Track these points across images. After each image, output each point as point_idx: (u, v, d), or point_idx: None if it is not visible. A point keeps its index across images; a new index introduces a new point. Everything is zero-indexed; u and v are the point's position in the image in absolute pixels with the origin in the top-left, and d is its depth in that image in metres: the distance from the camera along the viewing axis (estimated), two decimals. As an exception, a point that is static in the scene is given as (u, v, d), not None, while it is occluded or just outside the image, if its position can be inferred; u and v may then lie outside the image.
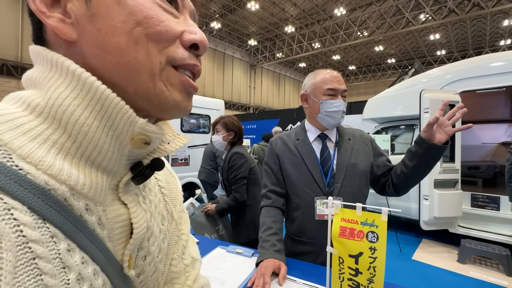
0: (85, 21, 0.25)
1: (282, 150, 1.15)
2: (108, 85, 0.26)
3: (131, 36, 0.25)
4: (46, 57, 0.26)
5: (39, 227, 0.21)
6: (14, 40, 9.44)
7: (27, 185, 0.21)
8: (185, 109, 0.30)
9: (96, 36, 0.25)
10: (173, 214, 0.44)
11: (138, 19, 0.26)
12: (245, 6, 13.30)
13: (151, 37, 0.26)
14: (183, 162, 4.82)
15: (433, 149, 0.94)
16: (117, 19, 0.25)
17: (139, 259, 0.34)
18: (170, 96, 0.28)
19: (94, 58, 0.26)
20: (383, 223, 0.57)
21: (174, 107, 0.29)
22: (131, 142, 0.27)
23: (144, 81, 0.27)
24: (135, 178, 0.30)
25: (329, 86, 1.06)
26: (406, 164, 1.03)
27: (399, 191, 1.09)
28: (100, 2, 0.25)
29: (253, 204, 1.80)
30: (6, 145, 0.22)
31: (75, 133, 0.25)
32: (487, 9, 10.81)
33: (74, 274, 0.23)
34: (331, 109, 1.06)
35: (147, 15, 0.26)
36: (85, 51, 0.26)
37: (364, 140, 1.14)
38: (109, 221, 0.28)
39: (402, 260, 3.08)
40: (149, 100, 0.28)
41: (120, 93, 0.26)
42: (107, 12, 0.25)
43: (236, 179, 1.76)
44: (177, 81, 0.29)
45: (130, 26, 0.25)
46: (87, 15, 0.25)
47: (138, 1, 0.26)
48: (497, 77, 3.05)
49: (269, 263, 0.90)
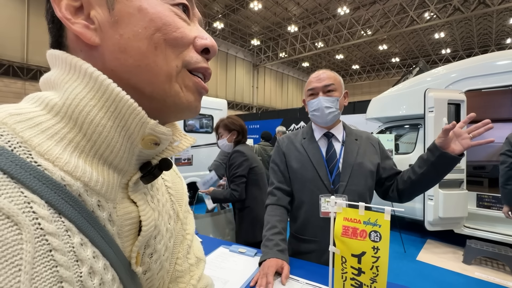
0: (108, 27, 0.27)
1: (288, 148, 1.17)
2: (127, 87, 0.27)
3: (151, 41, 0.27)
4: (65, 61, 0.27)
5: (55, 220, 0.22)
6: (20, 42, 9.56)
7: (45, 180, 0.22)
8: (195, 110, 0.32)
9: (118, 41, 0.27)
10: (179, 214, 0.45)
11: (158, 26, 0.28)
12: (248, 5, 13.30)
13: (169, 43, 0.28)
14: (186, 162, 4.84)
15: (446, 158, 0.91)
16: (139, 25, 0.27)
17: (145, 257, 0.35)
18: (184, 97, 0.30)
19: (115, 61, 0.27)
20: (386, 223, 0.56)
21: (187, 107, 0.31)
22: (142, 142, 0.29)
23: (162, 83, 0.29)
24: (144, 178, 0.32)
25: (309, 87, 1.14)
26: (414, 171, 1.01)
27: (402, 197, 1.08)
28: (122, 10, 0.27)
29: (252, 205, 1.78)
30: (26, 142, 0.23)
31: (90, 132, 0.26)
32: (493, 6, 10.67)
33: (87, 267, 0.23)
34: (312, 108, 1.11)
35: (165, 22, 0.28)
36: (106, 55, 0.27)
37: (372, 142, 1.15)
38: (119, 218, 0.29)
39: (406, 261, 3.05)
40: (163, 101, 0.29)
41: (137, 95, 0.28)
42: (129, 19, 0.27)
43: (235, 176, 1.75)
44: (191, 83, 0.31)
45: (150, 32, 0.27)
46: (110, 22, 0.27)
47: (158, 9, 0.28)
48: (503, 75, 3.01)
49: (272, 263, 0.90)
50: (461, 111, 3.21)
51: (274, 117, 10.13)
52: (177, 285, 0.43)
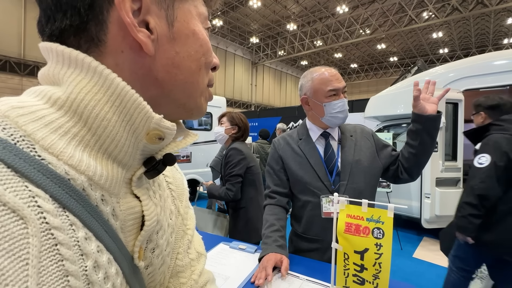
0: (165, 42, 0.29)
1: (285, 150, 1.15)
2: (165, 97, 0.31)
3: (198, 63, 0.32)
4: (68, 55, 0.26)
5: (60, 215, 0.22)
6: (16, 37, 9.43)
7: (49, 174, 0.22)
8: (203, 113, 0.37)
9: (174, 57, 0.30)
10: (179, 209, 0.45)
11: (204, 51, 0.32)
12: (247, 3, 13.24)
13: (206, 65, 0.34)
14: (185, 159, 4.83)
15: (431, 120, 0.98)
16: (192, 48, 0.31)
17: (148, 251, 0.35)
18: (203, 107, 0.36)
19: (166, 74, 0.30)
20: (389, 220, 0.57)
21: (202, 114, 0.36)
22: (146, 137, 0.29)
23: (197, 97, 0.34)
24: (148, 173, 0.32)
25: (330, 87, 1.05)
26: (411, 144, 1.04)
27: (412, 174, 1.08)
28: (181, 30, 0.30)
29: (247, 206, 1.72)
30: (30, 136, 0.22)
31: (95, 126, 0.26)
32: (491, 7, 10.72)
33: (91, 261, 0.24)
34: (336, 110, 1.05)
35: (208, 48, 0.33)
36: (156, 66, 0.29)
37: (366, 135, 1.15)
38: (122, 212, 0.29)
39: (403, 258, 3.08)
40: (189, 109, 0.34)
41: (166, 102, 0.31)
42: (186, 40, 0.30)
43: (231, 175, 1.68)
44: (208, 95, 0.36)
45: (199, 56, 0.32)
46: (168, 37, 0.29)
47: (204, 34, 0.32)
48: (500, 75, 3.04)
49: (271, 257, 0.91)
50: (459, 110, 3.24)
51: (273, 115, 10.12)
52: (178, 280, 0.44)
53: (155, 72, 0.29)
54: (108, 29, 0.26)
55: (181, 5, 0.30)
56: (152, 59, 0.28)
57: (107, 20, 0.26)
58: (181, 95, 0.32)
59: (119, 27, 0.26)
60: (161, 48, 0.28)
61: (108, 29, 0.26)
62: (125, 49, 0.27)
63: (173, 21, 0.29)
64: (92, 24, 0.26)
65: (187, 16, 0.30)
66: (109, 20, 0.26)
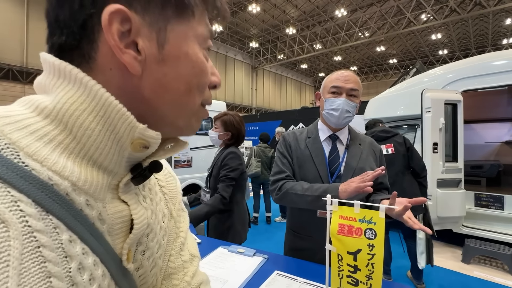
0: (153, 63, 0.29)
1: (294, 143, 1.18)
2: (153, 114, 0.31)
3: (188, 85, 0.31)
4: (58, 67, 0.27)
5: (43, 218, 0.23)
6: (19, 46, 9.57)
7: (32, 180, 0.23)
8: (195, 132, 0.37)
9: (161, 78, 0.29)
10: (172, 212, 0.46)
11: (196, 72, 0.32)
12: (247, 8, 13.37)
13: (199, 87, 0.33)
14: (186, 163, 4.84)
15: None
16: (182, 70, 0.30)
17: (138, 254, 0.36)
18: (195, 126, 0.35)
19: (153, 93, 0.30)
20: (381, 220, 0.58)
21: (192, 132, 0.36)
22: (131, 146, 0.29)
23: (187, 117, 0.33)
24: (135, 179, 0.32)
25: (333, 84, 1.10)
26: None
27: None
28: (171, 52, 0.29)
29: (233, 209, 1.71)
30: (15, 144, 0.23)
31: (79, 135, 0.27)
32: (489, 8, 10.76)
33: (76, 263, 0.24)
34: (332, 107, 1.08)
35: (202, 69, 0.32)
36: (144, 85, 0.29)
37: (374, 149, 1.16)
38: (110, 216, 0.30)
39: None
40: (179, 128, 0.34)
41: (154, 119, 0.31)
42: (176, 62, 0.30)
43: (226, 177, 1.66)
44: (202, 115, 0.36)
45: (190, 78, 0.31)
46: (157, 58, 0.29)
47: (197, 55, 0.32)
48: (499, 75, 3.04)
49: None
50: (458, 111, 3.23)
51: (273, 119, 10.14)
52: (170, 282, 0.44)
53: (142, 90, 0.29)
54: (99, 48, 0.27)
55: (175, 27, 0.30)
56: (139, 79, 0.29)
57: (98, 39, 0.27)
58: (169, 114, 0.32)
59: (109, 46, 0.27)
60: (149, 69, 0.29)
61: (99, 47, 0.27)
62: (113, 67, 0.28)
63: (163, 43, 0.29)
64: (85, 42, 0.27)
65: (180, 38, 0.30)
66: (100, 40, 0.27)
